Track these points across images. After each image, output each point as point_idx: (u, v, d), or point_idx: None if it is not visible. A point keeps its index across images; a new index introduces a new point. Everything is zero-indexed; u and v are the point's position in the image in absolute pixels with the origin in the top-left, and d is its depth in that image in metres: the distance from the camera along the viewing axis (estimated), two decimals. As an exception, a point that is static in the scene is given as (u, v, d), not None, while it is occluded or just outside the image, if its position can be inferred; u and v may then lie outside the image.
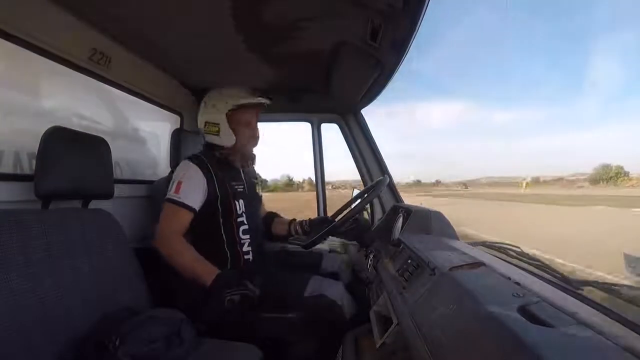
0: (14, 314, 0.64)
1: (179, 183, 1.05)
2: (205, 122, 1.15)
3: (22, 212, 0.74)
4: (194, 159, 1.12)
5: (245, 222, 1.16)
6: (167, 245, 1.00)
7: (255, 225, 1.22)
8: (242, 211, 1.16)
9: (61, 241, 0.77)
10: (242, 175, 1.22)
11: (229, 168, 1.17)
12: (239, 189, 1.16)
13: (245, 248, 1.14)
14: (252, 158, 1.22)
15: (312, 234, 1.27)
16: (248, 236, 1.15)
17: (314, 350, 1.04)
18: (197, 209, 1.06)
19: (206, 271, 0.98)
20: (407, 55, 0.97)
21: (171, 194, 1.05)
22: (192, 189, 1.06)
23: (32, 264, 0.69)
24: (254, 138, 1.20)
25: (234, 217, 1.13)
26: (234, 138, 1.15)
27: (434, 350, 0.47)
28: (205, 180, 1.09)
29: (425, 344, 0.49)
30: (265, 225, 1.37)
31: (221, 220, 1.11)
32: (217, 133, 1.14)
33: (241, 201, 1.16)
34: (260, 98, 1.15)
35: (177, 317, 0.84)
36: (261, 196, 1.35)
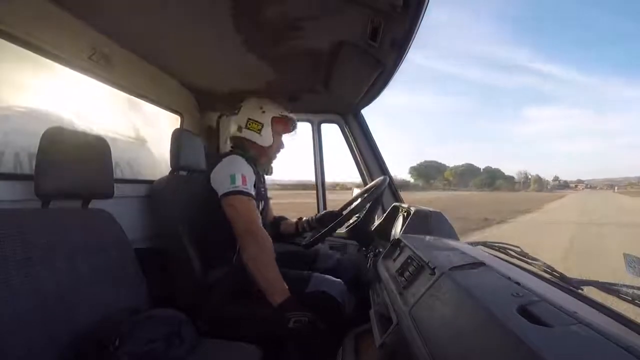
0: (14, 313, 0.64)
1: (244, 176, 1.06)
2: (248, 119, 1.21)
3: (22, 212, 0.75)
4: (241, 155, 1.15)
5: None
6: (260, 248, 1.00)
7: (265, 226, 1.24)
8: (260, 212, 1.18)
9: (61, 241, 0.77)
10: (262, 178, 1.28)
11: (257, 170, 1.21)
12: (262, 190, 1.23)
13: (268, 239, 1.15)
14: (271, 168, 1.31)
15: (319, 228, 1.29)
16: None
17: (314, 349, 1.04)
18: None
19: (281, 289, 0.97)
20: (407, 55, 0.97)
21: (240, 186, 1.03)
22: (251, 183, 1.09)
23: (32, 263, 0.70)
24: (282, 147, 1.31)
25: None
26: (272, 140, 1.23)
27: (433, 350, 0.47)
28: (254, 177, 1.13)
29: (425, 344, 0.49)
30: (275, 227, 1.43)
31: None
32: (259, 131, 1.21)
33: (263, 202, 1.22)
34: (294, 117, 1.28)
35: (177, 317, 0.84)
36: (270, 198, 1.42)
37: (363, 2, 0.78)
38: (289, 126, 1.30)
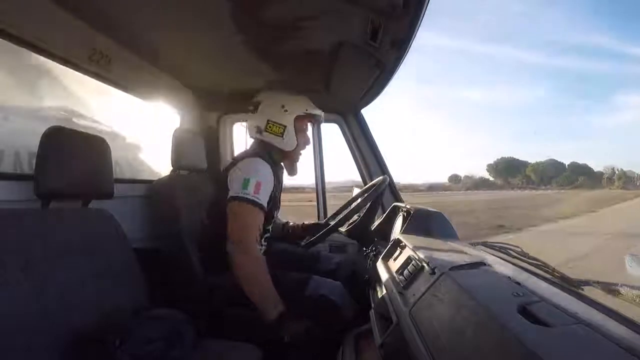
0: (14, 313, 0.64)
1: (259, 183, 0.98)
2: (268, 121, 1.10)
3: (22, 212, 0.74)
4: (265, 158, 1.05)
5: (270, 229, 1.16)
6: (249, 259, 0.94)
7: (271, 232, 1.23)
8: (273, 219, 1.16)
9: (61, 241, 0.77)
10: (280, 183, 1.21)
11: (277, 175, 1.15)
12: (278, 196, 1.16)
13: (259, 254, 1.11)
14: (296, 167, 1.22)
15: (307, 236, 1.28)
16: (267, 243, 1.15)
17: (314, 350, 1.04)
18: None
19: (273, 303, 0.94)
20: (407, 55, 0.97)
21: (250, 194, 0.96)
22: (267, 191, 1.01)
23: (31, 263, 0.69)
24: (308, 143, 1.21)
25: (267, 225, 1.12)
26: (296, 142, 1.13)
27: (433, 350, 0.47)
28: (273, 184, 1.05)
29: (425, 344, 0.49)
30: (283, 231, 1.40)
31: (261, 227, 1.04)
32: (281, 135, 1.10)
33: (277, 210, 1.17)
34: (320, 112, 1.17)
35: (177, 317, 0.84)
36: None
37: (363, 2, 0.78)
38: (314, 120, 1.20)
